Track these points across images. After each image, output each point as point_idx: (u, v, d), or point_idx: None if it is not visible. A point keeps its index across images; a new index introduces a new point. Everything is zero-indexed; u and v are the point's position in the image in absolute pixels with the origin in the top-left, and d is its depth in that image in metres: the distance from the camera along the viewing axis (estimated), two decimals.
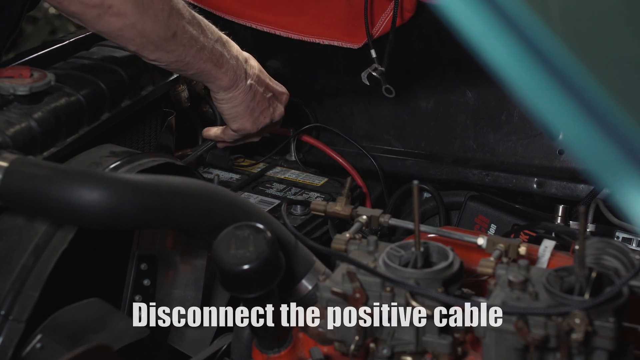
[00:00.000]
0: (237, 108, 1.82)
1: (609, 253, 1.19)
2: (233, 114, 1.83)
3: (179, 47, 1.64)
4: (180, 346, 1.65)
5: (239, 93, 1.80)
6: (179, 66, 1.68)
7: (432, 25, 2.07)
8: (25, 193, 1.25)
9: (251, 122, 1.86)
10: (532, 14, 0.91)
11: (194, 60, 1.68)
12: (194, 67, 1.69)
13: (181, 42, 1.63)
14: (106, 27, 1.55)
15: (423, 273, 1.16)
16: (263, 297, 1.22)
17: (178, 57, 1.65)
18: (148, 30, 1.57)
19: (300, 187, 2.04)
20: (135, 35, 1.57)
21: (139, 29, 1.56)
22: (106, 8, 1.52)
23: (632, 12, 1.01)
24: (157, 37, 1.59)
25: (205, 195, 1.32)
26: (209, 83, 1.77)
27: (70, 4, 1.51)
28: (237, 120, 1.85)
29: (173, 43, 1.63)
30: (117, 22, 1.54)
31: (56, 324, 1.34)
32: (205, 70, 1.71)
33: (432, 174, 2.10)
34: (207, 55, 1.70)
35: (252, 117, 1.85)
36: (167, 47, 1.62)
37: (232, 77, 1.77)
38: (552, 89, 0.89)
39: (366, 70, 1.99)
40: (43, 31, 3.80)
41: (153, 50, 1.62)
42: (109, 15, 1.53)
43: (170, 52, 1.63)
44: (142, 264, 1.62)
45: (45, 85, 1.47)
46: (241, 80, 1.79)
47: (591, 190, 1.88)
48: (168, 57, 1.64)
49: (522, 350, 1.12)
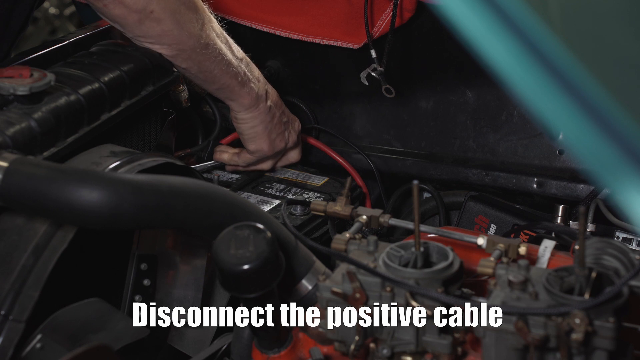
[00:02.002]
0: (256, 128, 1.88)
1: (609, 253, 1.19)
2: (252, 134, 1.89)
3: (209, 58, 1.72)
4: (180, 346, 1.65)
5: (259, 113, 1.86)
6: (206, 77, 1.76)
7: (432, 25, 2.07)
8: (25, 193, 1.25)
9: (268, 143, 1.92)
10: (532, 14, 0.91)
11: (220, 74, 1.76)
12: (220, 82, 1.77)
13: (212, 54, 1.72)
14: (146, 32, 1.64)
15: (423, 273, 1.16)
16: (263, 297, 1.22)
17: (207, 68, 1.73)
18: (184, 38, 1.67)
19: (300, 187, 2.04)
20: (172, 42, 1.66)
21: (176, 36, 1.66)
22: (148, 13, 1.61)
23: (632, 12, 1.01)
24: (190, 46, 1.68)
25: (205, 195, 1.32)
26: (232, 101, 1.84)
27: (114, 8, 1.59)
28: (255, 141, 1.91)
29: (204, 54, 1.71)
30: (157, 28, 1.63)
31: (56, 324, 1.34)
32: (230, 86, 1.79)
33: (432, 174, 2.10)
34: (233, 72, 1.78)
35: (269, 138, 1.91)
36: (198, 57, 1.71)
37: (254, 97, 1.84)
38: (552, 89, 0.89)
39: (365, 71, 1.99)
40: (43, 31, 3.80)
41: (185, 59, 1.70)
42: (149, 20, 1.61)
43: (201, 62, 1.72)
44: (142, 264, 1.62)
45: (45, 85, 1.47)
46: (262, 100, 1.86)
47: (591, 190, 1.88)
48: (198, 67, 1.73)
49: (522, 350, 1.12)
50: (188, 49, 1.69)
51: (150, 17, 1.61)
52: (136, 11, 1.60)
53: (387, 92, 1.98)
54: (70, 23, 3.82)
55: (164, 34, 1.65)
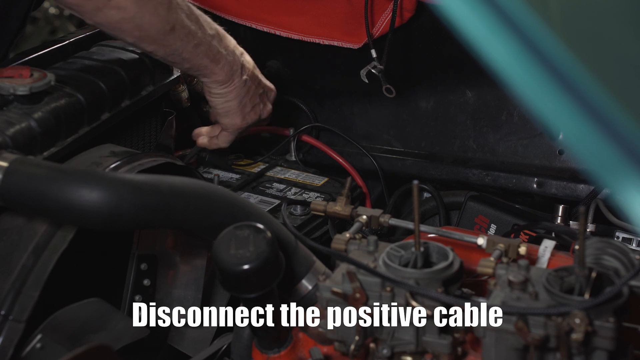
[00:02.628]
0: (230, 103, 1.81)
1: (609, 253, 1.19)
2: (225, 108, 1.82)
3: (177, 41, 1.63)
4: (180, 346, 1.65)
5: (234, 88, 1.79)
6: (175, 59, 1.68)
7: (432, 25, 2.07)
8: (25, 193, 1.25)
9: (241, 117, 1.85)
10: (532, 14, 0.91)
11: (190, 56, 1.67)
12: (190, 62, 1.69)
13: (179, 36, 1.63)
14: (104, 19, 1.54)
15: (423, 273, 1.16)
16: (263, 297, 1.22)
17: (175, 50, 1.64)
18: (146, 24, 1.57)
19: (300, 187, 2.04)
20: (133, 29, 1.57)
21: (137, 23, 1.56)
22: (106, 1, 1.51)
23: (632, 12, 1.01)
24: (155, 30, 1.59)
25: (205, 195, 1.32)
26: (205, 78, 1.76)
27: None
28: (228, 115, 1.84)
29: (171, 37, 1.62)
30: (116, 15, 1.53)
31: (56, 324, 1.34)
32: (201, 65, 1.71)
33: (432, 174, 2.10)
34: (204, 51, 1.69)
35: (242, 112, 1.85)
36: (165, 40, 1.61)
37: (228, 72, 1.76)
38: (552, 89, 0.89)
39: (365, 68, 1.99)
40: (43, 31, 3.80)
41: (150, 43, 1.61)
42: (108, 8, 1.52)
43: (167, 45, 1.63)
44: (142, 264, 1.62)
45: (45, 85, 1.47)
46: (237, 75, 1.78)
47: (591, 190, 1.88)
48: (165, 50, 1.64)
49: (522, 350, 1.12)
50: (153, 34, 1.60)
51: (108, 5, 1.52)
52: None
53: (388, 92, 1.98)
54: (70, 23, 3.83)
55: (123, 21, 1.55)
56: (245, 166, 2.12)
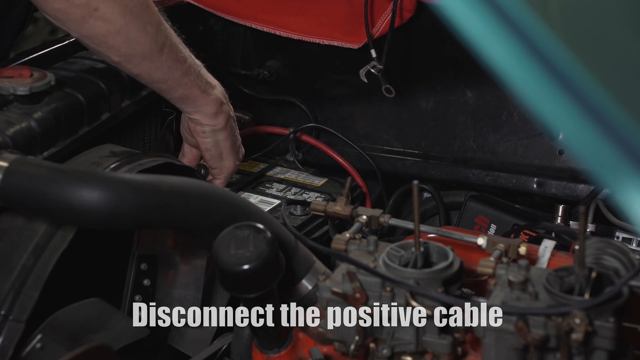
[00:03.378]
0: (224, 143, 1.70)
1: (609, 253, 1.19)
2: (219, 149, 1.71)
3: (166, 64, 1.54)
4: (180, 346, 1.65)
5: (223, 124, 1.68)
6: (161, 87, 1.58)
7: (432, 25, 2.07)
8: (25, 193, 1.25)
9: (235, 157, 1.74)
10: (532, 14, 0.91)
11: (179, 83, 1.58)
12: (179, 91, 1.60)
13: (168, 59, 1.54)
14: (90, 31, 1.46)
15: (423, 273, 1.16)
16: (263, 297, 1.22)
17: (163, 75, 1.55)
18: (133, 40, 1.48)
19: (300, 187, 2.04)
20: (120, 44, 1.48)
21: (124, 38, 1.47)
22: (92, 10, 1.43)
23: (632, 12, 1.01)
24: (142, 49, 1.50)
25: (205, 195, 1.32)
26: (195, 112, 1.65)
27: (54, 1, 1.42)
28: (222, 157, 1.72)
29: (160, 59, 1.53)
30: (103, 27, 1.45)
31: (56, 324, 1.34)
32: (191, 95, 1.62)
33: (432, 174, 2.10)
34: (193, 80, 1.60)
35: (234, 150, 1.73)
36: (153, 62, 1.52)
37: (217, 104, 1.66)
38: (552, 89, 0.89)
39: (364, 68, 1.99)
40: (43, 31, 3.80)
41: (137, 64, 1.52)
42: (94, 18, 1.44)
43: (156, 69, 1.54)
44: (142, 264, 1.62)
45: (45, 85, 1.47)
46: (225, 106, 1.68)
47: (591, 190, 1.88)
48: (152, 74, 1.55)
49: (522, 350, 1.12)
50: (140, 53, 1.50)
51: (94, 15, 1.43)
52: (79, 6, 1.41)
53: (387, 92, 1.98)
54: None
55: (110, 34, 1.45)
56: (245, 166, 2.12)
